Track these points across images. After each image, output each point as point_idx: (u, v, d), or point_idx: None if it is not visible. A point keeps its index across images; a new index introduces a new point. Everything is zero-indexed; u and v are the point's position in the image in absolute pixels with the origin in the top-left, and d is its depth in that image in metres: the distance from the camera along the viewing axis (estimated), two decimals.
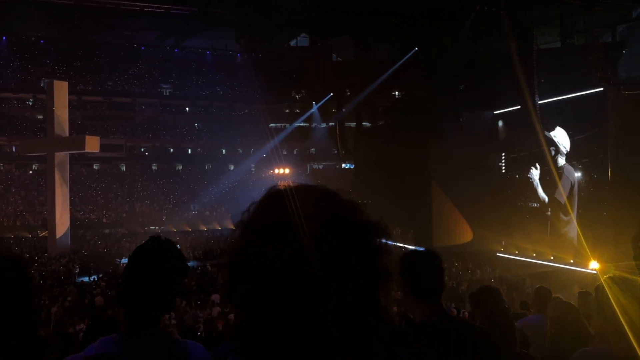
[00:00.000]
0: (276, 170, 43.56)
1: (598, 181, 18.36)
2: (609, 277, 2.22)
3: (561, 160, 20.55)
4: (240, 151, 48.57)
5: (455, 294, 15.00)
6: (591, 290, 5.97)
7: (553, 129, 20.44)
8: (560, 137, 20.43)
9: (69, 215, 27.03)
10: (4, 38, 44.78)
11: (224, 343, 2.84)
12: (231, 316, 11.65)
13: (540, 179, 21.63)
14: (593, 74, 19.39)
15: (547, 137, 20.43)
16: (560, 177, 20.45)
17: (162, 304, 1.56)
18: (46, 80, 34.84)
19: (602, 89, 18.45)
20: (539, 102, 19.93)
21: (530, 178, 22.09)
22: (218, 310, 13.16)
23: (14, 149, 41.67)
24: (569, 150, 20.23)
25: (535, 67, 19.94)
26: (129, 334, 1.51)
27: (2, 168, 42.34)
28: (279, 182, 0.89)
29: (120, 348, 1.48)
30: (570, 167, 20.23)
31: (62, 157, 26.24)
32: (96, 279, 19.68)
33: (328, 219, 0.80)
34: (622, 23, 25.46)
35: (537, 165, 21.59)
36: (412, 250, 2.08)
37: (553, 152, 20.55)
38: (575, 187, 19.98)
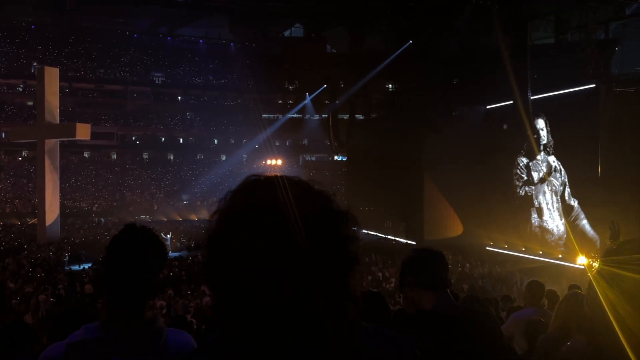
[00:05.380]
0: (268, 161, 43.50)
1: (588, 176, 18.51)
2: (597, 272, 2.24)
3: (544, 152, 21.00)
4: (233, 141, 48.41)
5: None
6: (581, 285, 6.05)
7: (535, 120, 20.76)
8: (542, 127, 20.91)
9: (58, 203, 26.84)
10: None
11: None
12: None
13: (528, 170, 21.85)
14: (586, 71, 19.48)
15: (533, 128, 20.74)
16: (549, 168, 20.73)
17: (143, 290, 1.57)
18: (37, 66, 34.42)
19: (594, 85, 18.55)
20: (532, 98, 20.01)
21: (518, 167, 22.25)
22: (208, 300, 13.17)
23: (3, 135, 41.22)
24: (547, 141, 20.77)
25: (528, 63, 19.97)
26: (112, 322, 1.52)
27: None
28: (256, 173, 0.93)
29: (102, 335, 1.49)
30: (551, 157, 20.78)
31: (52, 144, 26.02)
32: (86, 268, 19.60)
33: (301, 207, 0.84)
34: (616, 20, 25.54)
35: (525, 155, 21.81)
36: (420, 248, 2.19)
37: (543, 142, 20.88)
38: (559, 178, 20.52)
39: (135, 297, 1.55)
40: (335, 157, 46.35)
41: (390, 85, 37.92)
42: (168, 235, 26.27)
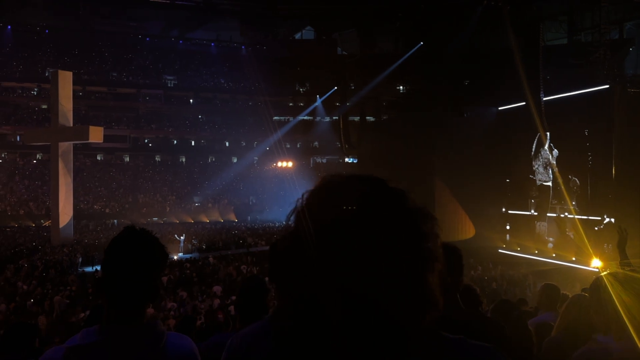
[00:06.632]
0: (279, 163, 43.59)
1: (602, 179, 18.29)
2: (610, 274, 2.21)
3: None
4: (244, 143, 48.59)
5: None
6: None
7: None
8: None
9: (72, 205, 27.10)
10: (8, 27, 44.78)
11: (217, 335, 2.84)
12: (231, 308, 11.70)
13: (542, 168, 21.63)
14: (599, 71, 19.27)
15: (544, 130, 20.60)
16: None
17: (143, 293, 1.55)
18: (51, 70, 34.85)
19: (608, 86, 18.34)
20: (544, 99, 19.84)
21: (540, 157, 21.79)
22: (218, 302, 13.21)
23: (18, 138, 41.78)
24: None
25: (540, 63, 19.81)
26: (111, 325, 1.51)
27: (6, 157, 42.49)
28: (331, 173, 0.93)
29: (101, 339, 1.48)
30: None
31: (65, 147, 26.31)
32: (98, 269, 19.77)
33: (377, 206, 0.84)
34: (630, 20, 25.28)
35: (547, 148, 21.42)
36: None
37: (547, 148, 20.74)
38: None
39: (134, 300, 1.53)
40: (346, 159, 46.31)
41: (401, 87, 37.84)
42: (182, 237, 26.42)
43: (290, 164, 42.95)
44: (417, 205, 0.89)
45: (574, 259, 19.23)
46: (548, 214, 21.26)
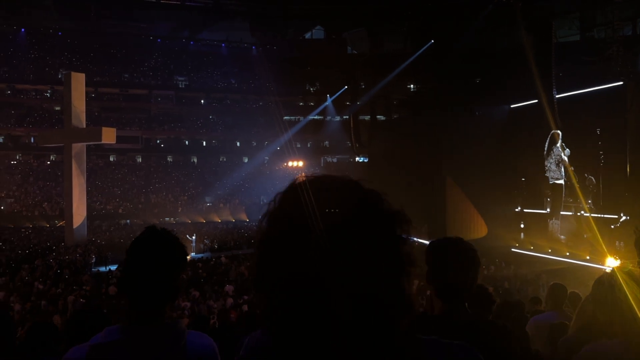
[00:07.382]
0: (290, 163, 43.62)
1: (617, 176, 18.09)
2: (625, 273, 2.19)
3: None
4: (254, 143, 48.70)
5: None
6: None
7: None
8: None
9: (85, 206, 27.36)
10: (22, 30, 45.31)
11: (259, 332, 2.84)
12: (244, 307, 11.75)
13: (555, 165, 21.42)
14: (612, 68, 19.06)
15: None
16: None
17: (164, 293, 1.57)
18: (64, 72, 35.19)
19: (621, 83, 18.13)
20: (557, 96, 19.67)
21: (552, 154, 21.53)
22: (231, 302, 13.26)
23: (32, 140, 42.26)
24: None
25: (553, 61, 19.63)
26: (133, 324, 1.54)
27: (20, 159, 43.03)
28: (302, 173, 0.91)
29: (123, 337, 1.51)
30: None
31: (79, 148, 26.56)
32: (112, 269, 19.95)
33: (351, 208, 0.82)
34: None
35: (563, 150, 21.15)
36: (445, 242, 1.89)
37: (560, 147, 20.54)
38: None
39: (156, 299, 1.56)
40: (357, 159, 46.24)
41: (411, 86, 37.69)
42: (193, 237, 26.57)
43: (300, 164, 42.95)
44: (392, 208, 0.86)
45: (588, 257, 19.04)
46: (562, 212, 21.08)
